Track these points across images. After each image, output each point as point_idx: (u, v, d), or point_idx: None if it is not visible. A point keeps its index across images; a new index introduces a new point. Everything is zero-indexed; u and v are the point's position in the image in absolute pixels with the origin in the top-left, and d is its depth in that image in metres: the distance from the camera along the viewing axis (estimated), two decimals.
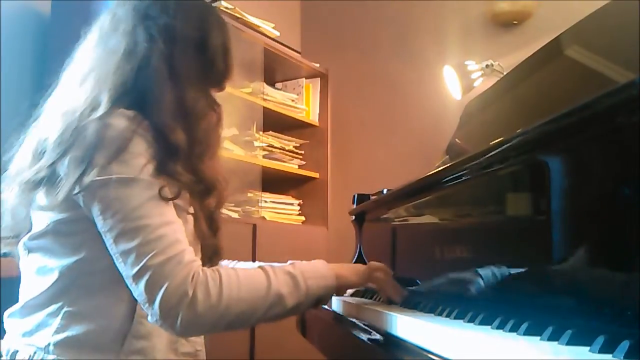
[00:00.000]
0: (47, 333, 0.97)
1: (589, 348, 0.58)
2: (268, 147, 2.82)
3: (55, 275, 0.98)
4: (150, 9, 1.05)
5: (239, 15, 2.64)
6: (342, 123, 3.19)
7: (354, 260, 1.61)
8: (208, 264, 1.03)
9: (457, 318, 0.90)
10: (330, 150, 3.09)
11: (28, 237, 1.03)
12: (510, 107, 1.39)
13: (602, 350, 0.57)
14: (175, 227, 0.95)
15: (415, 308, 1.07)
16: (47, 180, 0.98)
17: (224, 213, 1.17)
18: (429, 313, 1.00)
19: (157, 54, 1.02)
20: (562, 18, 1.42)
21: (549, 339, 0.65)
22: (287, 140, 2.99)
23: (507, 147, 0.82)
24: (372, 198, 1.62)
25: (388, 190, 1.50)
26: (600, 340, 0.58)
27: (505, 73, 1.82)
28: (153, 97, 1.00)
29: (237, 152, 2.61)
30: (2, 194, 1.06)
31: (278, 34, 2.90)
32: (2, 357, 1.01)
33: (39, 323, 0.99)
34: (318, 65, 3.11)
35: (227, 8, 2.57)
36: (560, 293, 0.73)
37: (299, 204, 3.00)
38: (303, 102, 3.10)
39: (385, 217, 1.47)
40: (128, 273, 0.92)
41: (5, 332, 1.06)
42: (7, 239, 1.08)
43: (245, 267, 1.10)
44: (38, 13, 2.21)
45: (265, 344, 2.41)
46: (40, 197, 1.01)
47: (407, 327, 0.88)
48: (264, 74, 2.81)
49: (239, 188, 2.60)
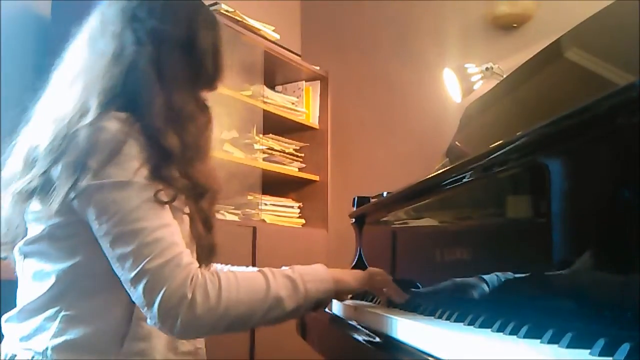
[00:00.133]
0: (45, 337, 0.96)
1: (590, 351, 0.58)
2: (268, 149, 2.82)
3: (52, 280, 0.98)
4: (138, 11, 1.04)
5: (239, 19, 2.64)
6: (342, 126, 3.19)
7: (354, 263, 1.61)
8: (205, 262, 1.03)
9: (457, 321, 0.90)
10: (330, 153, 3.09)
11: (23, 242, 1.02)
12: (511, 109, 1.39)
13: (602, 353, 0.57)
14: (172, 229, 0.95)
15: (415, 311, 1.07)
16: (40, 190, 0.97)
17: (222, 212, 1.17)
18: (429, 316, 1.00)
19: (145, 57, 1.01)
20: (562, 21, 1.42)
21: (549, 342, 0.64)
22: (287, 143, 2.99)
23: (507, 149, 0.82)
24: (372, 201, 1.62)
25: (388, 193, 1.49)
26: (601, 343, 0.58)
27: (505, 76, 1.82)
28: (142, 100, 0.99)
29: (237, 154, 2.61)
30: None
31: (278, 37, 2.90)
32: None
33: (37, 327, 0.98)
34: (318, 68, 3.11)
35: (227, 11, 2.57)
36: (561, 296, 0.72)
37: (299, 207, 3.00)
38: (303, 104, 3.10)
39: (386, 219, 1.47)
40: (126, 277, 0.91)
41: (4, 336, 1.05)
42: (2, 245, 1.07)
43: (241, 271, 1.09)
44: (38, 14, 2.21)
45: (265, 346, 2.41)
46: (35, 205, 1.00)
47: (407, 329, 0.88)
48: (264, 77, 2.81)
49: (239, 191, 2.59)
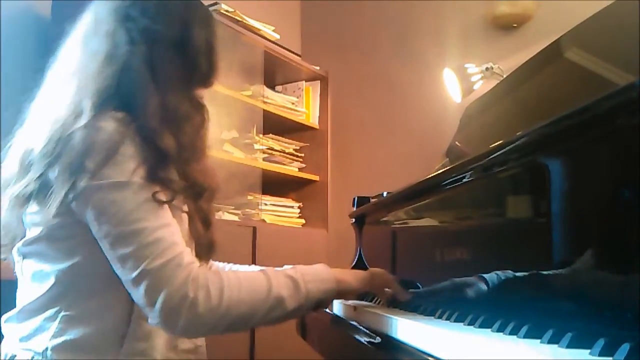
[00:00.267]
0: (44, 337, 0.96)
1: (589, 351, 0.58)
2: (268, 149, 2.83)
3: (52, 280, 0.97)
4: (131, 10, 1.03)
5: (239, 19, 2.64)
6: (342, 126, 3.19)
7: (354, 263, 1.61)
8: (204, 259, 1.03)
9: (457, 321, 0.89)
10: (330, 153, 3.09)
11: (22, 243, 1.02)
12: (511, 109, 1.39)
13: (602, 353, 0.57)
14: (172, 229, 0.94)
15: (415, 311, 1.07)
16: (37, 193, 0.97)
17: (222, 212, 1.17)
18: (429, 316, 0.99)
19: (138, 57, 1.00)
20: (562, 21, 1.42)
21: (549, 342, 0.64)
22: (287, 143, 2.99)
23: (507, 149, 0.82)
24: (372, 201, 1.62)
25: (388, 193, 1.49)
26: (601, 343, 0.58)
27: (505, 76, 1.82)
28: (137, 101, 0.98)
29: (237, 154, 2.61)
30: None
31: (278, 37, 2.90)
32: None
33: (37, 327, 0.98)
34: (318, 68, 3.11)
35: (227, 11, 2.57)
36: (561, 296, 0.72)
37: (299, 207, 3.00)
38: (303, 104, 3.11)
39: (386, 219, 1.47)
40: (127, 277, 0.91)
41: (3, 336, 1.05)
42: (2, 247, 1.06)
43: (242, 270, 1.09)
44: (38, 14, 2.21)
45: (265, 346, 2.41)
46: (33, 207, 0.99)
47: (407, 329, 0.88)
48: (264, 77, 2.81)
49: (239, 191, 2.59)
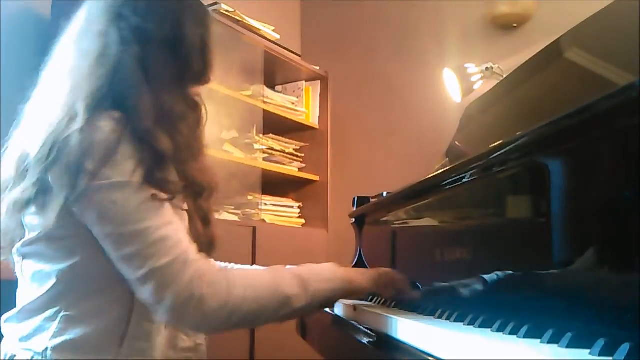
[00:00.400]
0: (44, 337, 0.96)
1: (589, 351, 0.58)
2: (268, 149, 2.83)
3: (52, 280, 0.97)
4: (123, 9, 1.01)
5: (239, 19, 2.64)
6: (342, 126, 3.19)
7: (354, 263, 1.61)
8: (205, 256, 1.03)
9: (457, 321, 0.89)
10: (330, 153, 3.09)
11: (22, 243, 1.01)
12: (511, 109, 1.39)
13: (602, 353, 0.57)
14: (176, 226, 0.94)
15: (415, 311, 1.07)
16: (35, 198, 0.96)
17: (222, 212, 1.16)
18: (429, 316, 0.99)
19: (131, 57, 0.98)
20: (561, 21, 1.42)
21: (549, 342, 0.64)
22: (287, 143, 2.99)
23: (507, 149, 0.82)
24: (372, 201, 1.62)
25: (388, 193, 1.49)
26: (601, 343, 0.57)
27: (505, 76, 1.82)
28: (130, 102, 0.97)
29: (237, 154, 2.61)
30: None
31: (278, 37, 2.90)
32: None
33: (37, 327, 0.98)
34: (318, 68, 3.11)
35: (227, 11, 2.57)
36: (561, 296, 0.72)
37: (299, 207, 3.00)
38: (303, 104, 3.11)
39: (386, 219, 1.47)
40: (133, 277, 0.91)
41: (3, 336, 1.05)
42: (2, 249, 1.06)
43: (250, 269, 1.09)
44: (38, 14, 2.21)
45: (265, 346, 2.41)
46: (32, 211, 0.98)
47: (407, 329, 0.88)
48: (264, 77, 2.82)
49: (239, 191, 2.60)
